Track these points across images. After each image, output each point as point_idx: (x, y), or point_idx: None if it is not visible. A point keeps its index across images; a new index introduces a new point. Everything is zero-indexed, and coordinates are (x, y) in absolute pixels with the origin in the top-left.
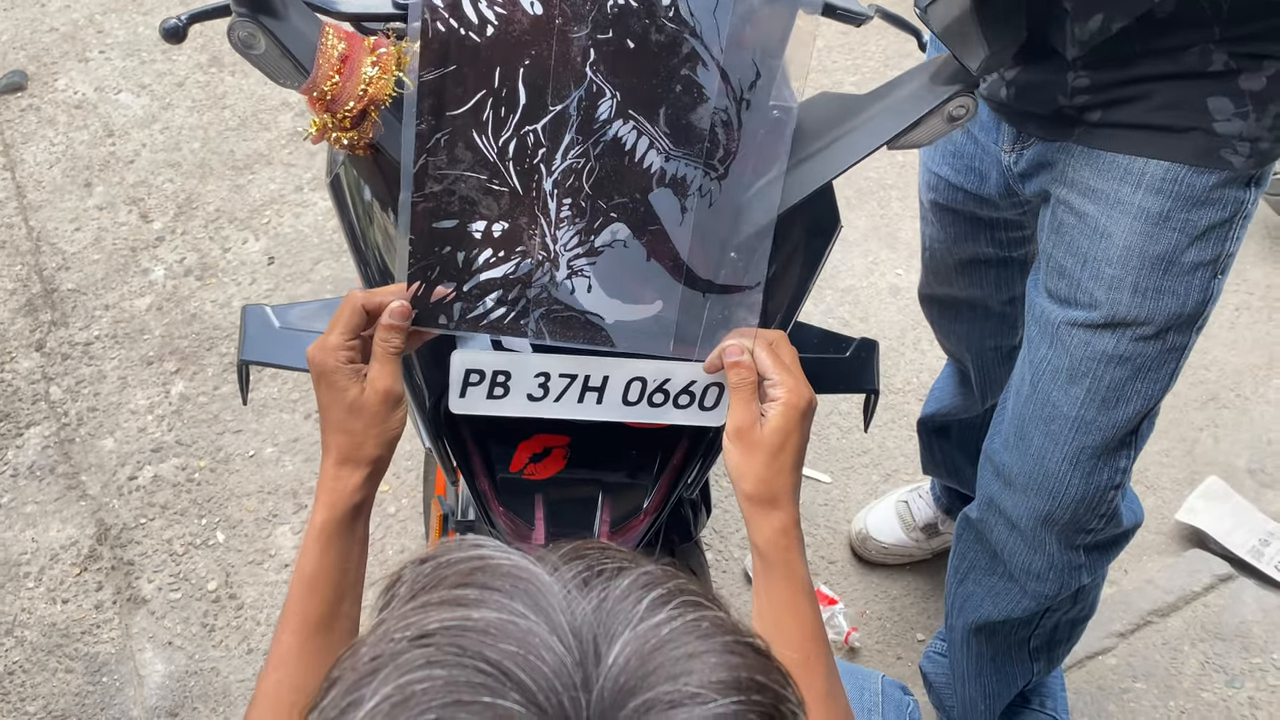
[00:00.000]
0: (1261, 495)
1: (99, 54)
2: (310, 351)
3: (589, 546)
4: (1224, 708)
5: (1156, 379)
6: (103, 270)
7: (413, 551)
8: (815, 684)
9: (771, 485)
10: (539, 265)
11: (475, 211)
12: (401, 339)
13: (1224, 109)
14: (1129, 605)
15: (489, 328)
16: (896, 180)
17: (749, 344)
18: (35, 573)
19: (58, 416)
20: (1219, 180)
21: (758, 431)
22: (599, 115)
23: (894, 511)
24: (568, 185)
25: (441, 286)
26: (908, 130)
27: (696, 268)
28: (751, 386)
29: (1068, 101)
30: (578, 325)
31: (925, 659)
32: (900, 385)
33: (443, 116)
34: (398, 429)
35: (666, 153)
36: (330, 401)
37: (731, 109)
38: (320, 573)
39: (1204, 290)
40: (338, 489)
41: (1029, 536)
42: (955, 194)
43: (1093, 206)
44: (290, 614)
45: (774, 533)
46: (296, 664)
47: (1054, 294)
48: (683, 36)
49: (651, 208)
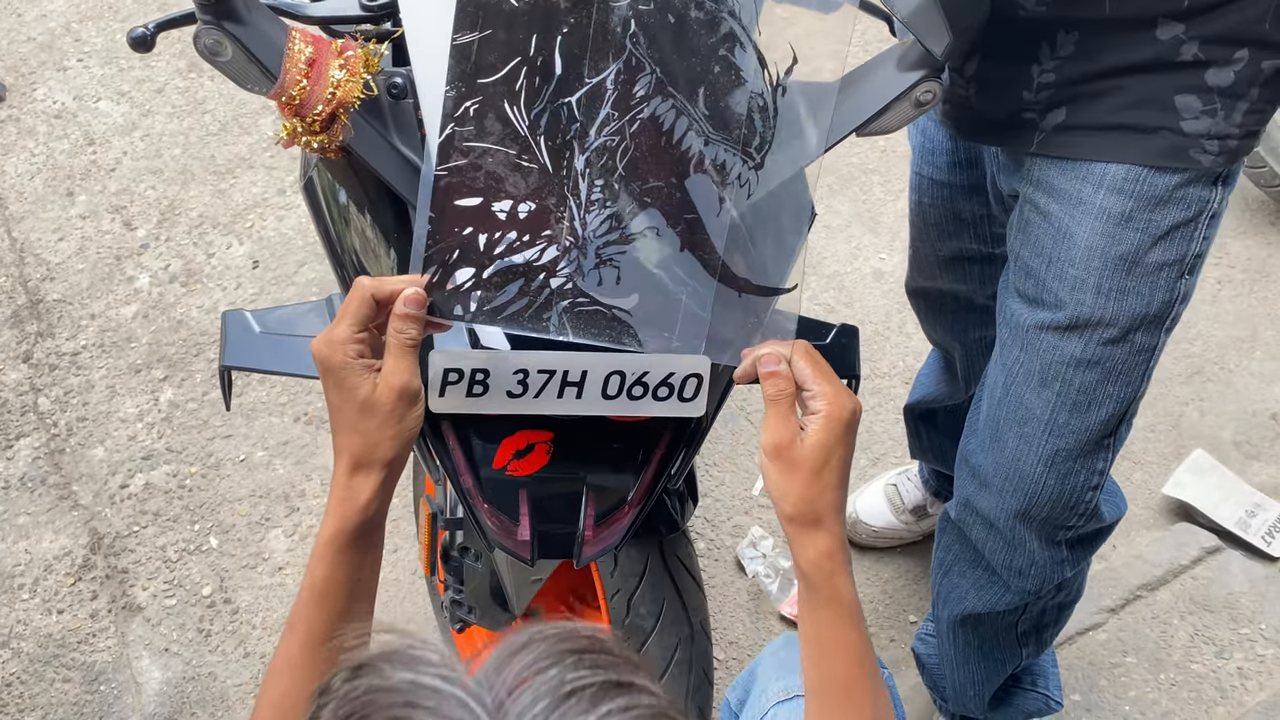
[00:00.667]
0: (1247, 467)
1: (77, 62)
2: (316, 346)
3: (554, 650)
4: (1214, 679)
5: (1127, 382)
6: (88, 279)
7: (410, 558)
8: (859, 711)
9: (815, 505)
10: (565, 252)
11: (501, 189)
12: (419, 329)
13: (1191, 106)
14: (1118, 580)
15: (509, 320)
16: (878, 165)
17: (786, 352)
18: (30, 584)
19: (47, 427)
20: (1182, 180)
21: (798, 448)
22: (637, 91)
23: (883, 495)
24: (601, 165)
25: (460, 272)
26: (876, 116)
27: (733, 264)
28: (790, 399)
29: (1032, 97)
30: (603, 321)
31: (917, 640)
32: (886, 370)
33: (474, 84)
34: (415, 427)
35: (706, 136)
36: (341, 401)
37: (768, 94)
38: (330, 585)
39: (1169, 290)
40: (350, 498)
41: (1008, 535)
42: (941, 192)
43: (1056, 206)
44: (297, 624)
45: (819, 555)
46: (301, 675)
47: (1022, 294)
48: (721, 15)
49: (688, 194)
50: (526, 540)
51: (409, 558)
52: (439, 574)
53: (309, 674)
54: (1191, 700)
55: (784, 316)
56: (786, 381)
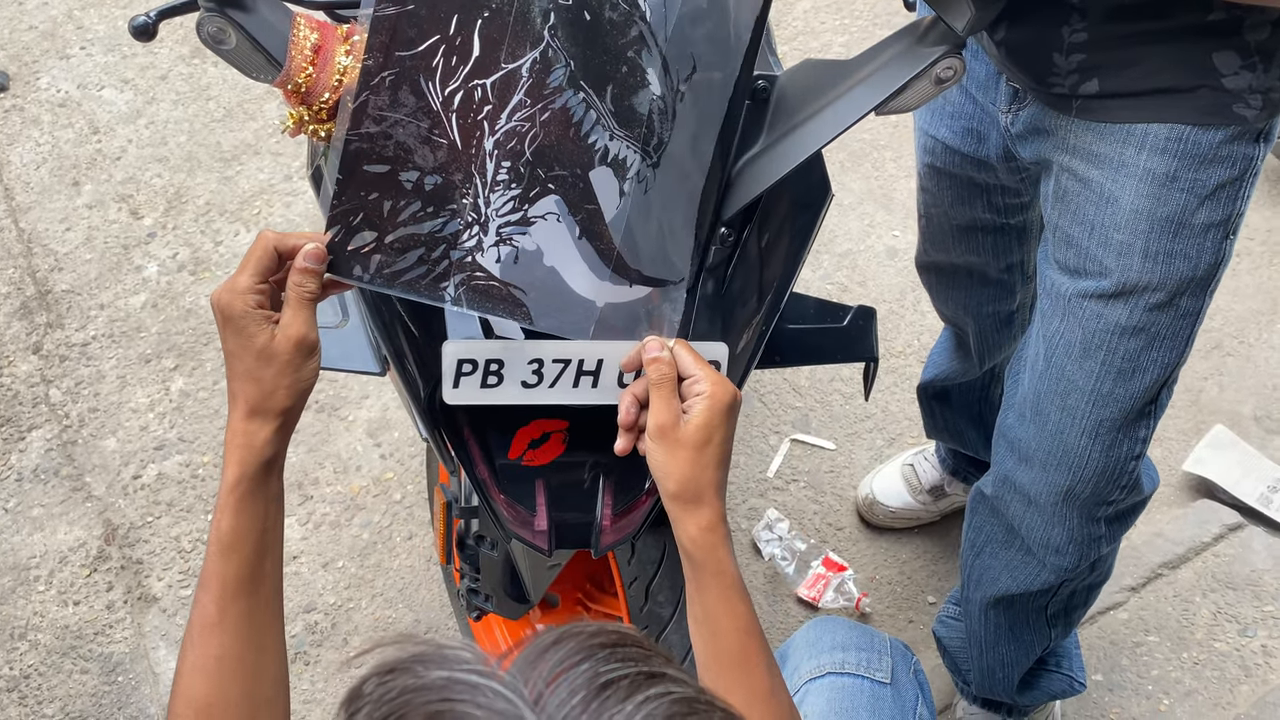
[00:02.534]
0: (1268, 442)
1: (80, 50)
2: (217, 295)
3: (585, 645)
4: (1238, 657)
5: (1172, 346)
6: (96, 269)
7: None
8: (756, 681)
9: (698, 482)
10: (467, 227)
11: (410, 160)
12: (317, 284)
13: (1230, 63)
14: (1139, 559)
15: (405, 286)
16: (890, 140)
17: (670, 341)
18: (45, 576)
19: (59, 419)
20: (1225, 136)
21: (681, 428)
22: (551, 82)
23: (900, 475)
24: (509, 148)
25: (361, 234)
26: (895, 95)
27: (626, 255)
28: (671, 383)
29: (1063, 60)
30: (498, 297)
31: (938, 623)
32: (901, 348)
33: (391, 55)
34: (311, 379)
35: (611, 131)
36: (238, 348)
37: (669, 98)
38: (237, 534)
39: (1216, 252)
40: (248, 444)
41: (1048, 512)
42: (952, 157)
43: (1097, 172)
44: (209, 580)
45: (700, 531)
46: (223, 633)
47: (1063, 265)
48: (633, 19)
49: (590, 185)
50: (544, 530)
51: (424, 544)
52: (455, 562)
53: (230, 631)
54: (1215, 679)
55: (672, 308)
56: (669, 366)
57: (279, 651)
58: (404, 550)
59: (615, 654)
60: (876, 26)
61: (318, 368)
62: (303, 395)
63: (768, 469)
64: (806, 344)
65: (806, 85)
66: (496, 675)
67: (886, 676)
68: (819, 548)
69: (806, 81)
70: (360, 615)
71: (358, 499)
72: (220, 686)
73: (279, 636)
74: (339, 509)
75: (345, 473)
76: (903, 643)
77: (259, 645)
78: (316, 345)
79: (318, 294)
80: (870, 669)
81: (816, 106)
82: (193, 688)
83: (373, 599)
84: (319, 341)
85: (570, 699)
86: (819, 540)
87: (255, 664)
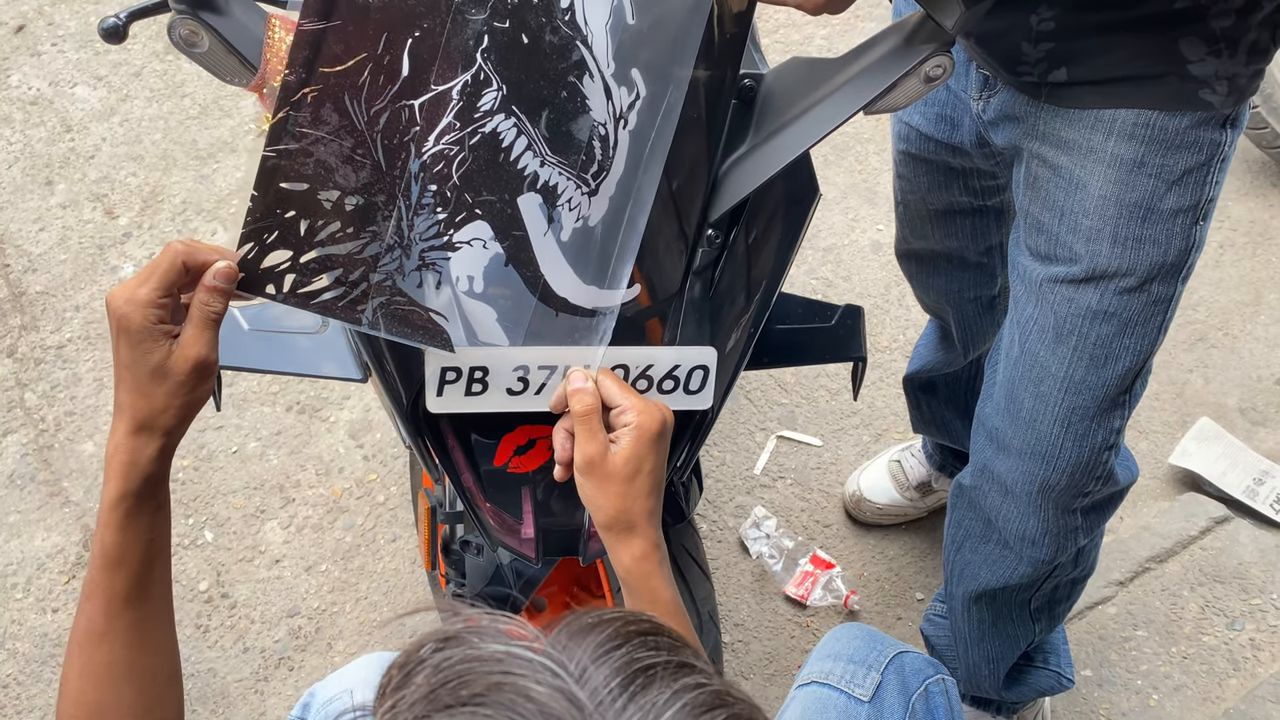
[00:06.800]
0: (1254, 434)
1: (51, 47)
2: (114, 300)
3: (621, 631)
4: (1226, 650)
5: (1145, 333)
6: (71, 270)
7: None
8: None
9: (630, 513)
10: (388, 250)
11: (330, 179)
12: (224, 304)
13: (1196, 50)
14: (1126, 553)
15: (320, 307)
16: (874, 134)
17: (592, 373)
18: (23, 583)
19: (35, 423)
20: (1192, 122)
21: (610, 461)
22: (481, 105)
23: (887, 471)
24: (435, 171)
25: (276, 253)
26: (884, 94)
27: (554, 284)
28: (595, 414)
29: (1031, 49)
30: (418, 323)
31: (926, 622)
32: (887, 343)
33: (314, 71)
34: (203, 400)
35: (543, 157)
36: (131, 361)
37: (610, 125)
38: (123, 549)
39: (1186, 237)
40: (133, 460)
41: (1024, 502)
42: (927, 144)
43: (1065, 158)
44: (94, 593)
45: (633, 560)
46: (112, 641)
47: (1034, 251)
48: (575, 43)
49: (518, 212)
50: (531, 538)
51: (409, 547)
52: (440, 567)
53: (124, 640)
54: (1204, 673)
55: (598, 339)
56: (592, 397)
57: (171, 651)
58: (388, 553)
59: (648, 641)
60: (859, 19)
61: (210, 390)
62: (190, 418)
63: (754, 466)
64: (794, 344)
65: (793, 84)
66: (549, 653)
67: (867, 694)
68: (807, 545)
69: (793, 80)
70: (344, 619)
71: (340, 501)
72: (115, 690)
73: (170, 636)
74: (321, 511)
75: (327, 475)
76: (926, 660)
77: (152, 649)
78: (214, 367)
79: (223, 314)
80: (851, 684)
81: (804, 106)
82: (84, 693)
83: (357, 603)
84: (217, 362)
85: (611, 680)
86: (807, 537)
87: (149, 666)
